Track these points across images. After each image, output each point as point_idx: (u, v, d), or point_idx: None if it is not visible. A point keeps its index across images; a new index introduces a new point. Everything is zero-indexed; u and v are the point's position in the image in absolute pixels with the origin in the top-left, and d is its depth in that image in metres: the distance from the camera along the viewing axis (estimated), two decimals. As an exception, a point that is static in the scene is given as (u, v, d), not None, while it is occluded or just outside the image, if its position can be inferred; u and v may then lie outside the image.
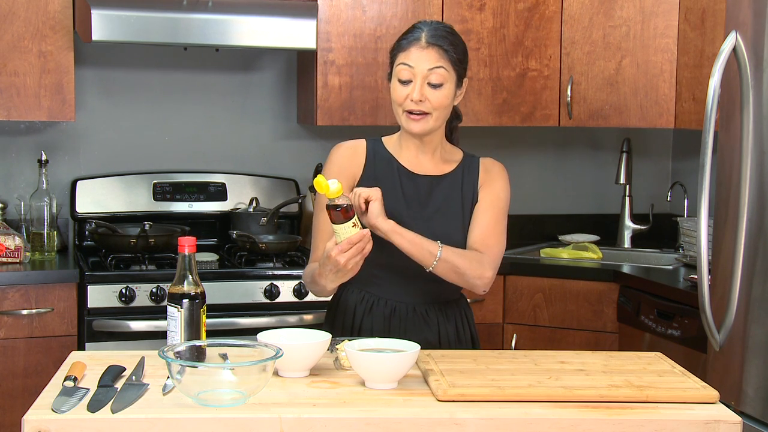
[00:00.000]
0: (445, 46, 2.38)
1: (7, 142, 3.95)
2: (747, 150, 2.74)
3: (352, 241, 2.21)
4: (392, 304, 2.45)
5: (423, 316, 2.49)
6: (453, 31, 2.45)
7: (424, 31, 2.39)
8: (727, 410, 1.98)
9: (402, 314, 2.48)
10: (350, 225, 2.21)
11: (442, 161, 2.52)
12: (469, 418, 1.89)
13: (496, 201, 2.49)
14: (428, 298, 2.49)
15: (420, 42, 2.38)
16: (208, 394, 1.90)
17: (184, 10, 3.55)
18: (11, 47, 3.59)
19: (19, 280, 3.39)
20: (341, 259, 2.22)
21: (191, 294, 2.16)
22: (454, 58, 2.39)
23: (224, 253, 3.89)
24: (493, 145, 4.45)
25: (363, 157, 2.50)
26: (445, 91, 2.39)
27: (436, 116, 2.40)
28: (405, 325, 2.47)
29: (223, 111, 4.18)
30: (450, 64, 2.38)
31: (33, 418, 1.83)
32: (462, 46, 2.44)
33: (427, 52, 2.37)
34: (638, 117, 3.95)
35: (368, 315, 2.49)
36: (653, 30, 3.90)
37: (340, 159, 2.50)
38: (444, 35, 2.39)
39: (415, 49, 2.38)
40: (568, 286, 3.74)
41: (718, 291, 2.85)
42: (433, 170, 2.51)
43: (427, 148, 2.49)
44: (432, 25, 2.42)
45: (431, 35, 2.38)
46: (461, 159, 2.54)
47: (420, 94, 2.36)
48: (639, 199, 4.39)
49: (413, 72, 2.37)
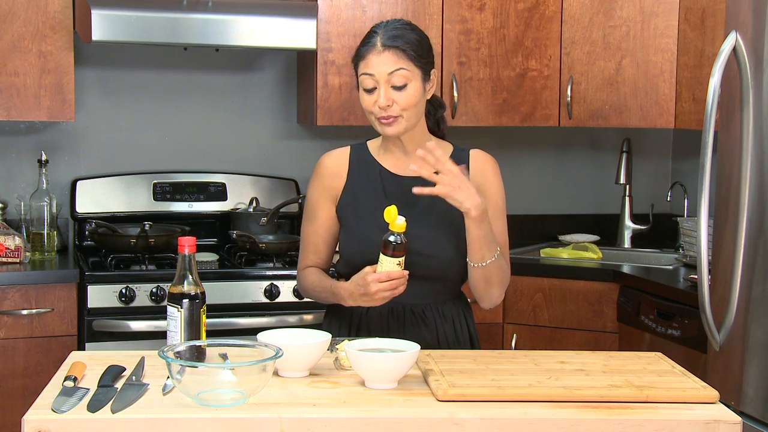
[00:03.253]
0: (402, 45, 2.36)
1: (7, 142, 3.95)
2: (747, 150, 2.74)
3: (392, 276, 2.26)
4: (390, 304, 2.44)
5: (420, 316, 2.48)
6: (410, 26, 2.42)
7: (379, 34, 2.38)
8: (727, 410, 1.98)
9: (399, 314, 2.48)
10: (396, 262, 2.27)
11: None
12: (469, 418, 1.89)
13: (498, 211, 2.47)
14: (426, 299, 2.49)
15: (376, 47, 2.37)
16: (208, 394, 1.90)
17: (184, 10, 3.55)
18: (11, 47, 3.59)
19: (19, 280, 3.39)
20: (373, 288, 2.27)
21: (191, 294, 2.16)
22: (414, 55, 2.36)
23: (224, 253, 3.89)
24: (493, 145, 4.44)
25: (346, 167, 2.52)
26: (411, 90, 2.37)
27: (408, 116, 2.39)
28: (402, 325, 2.47)
29: (223, 111, 4.18)
30: (410, 63, 2.36)
31: (33, 418, 1.83)
32: (422, 39, 2.41)
33: (384, 56, 2.35)
34: (638, 117, 3.95)
35: (366, 316, 2.49)
36: (653, 30, 3.90)
37: (321, 178, 2.53)
38: (399, 34, 2.37)
39: (373, 56, 2.37)
40: (568, 286, 3.74)
41: (718, 291, 2.85)
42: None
43: (411, 147, 2.46)
44: (388, 26, 2.40)
45: (387, 37, 2.37)
46: (450, 154, 2.48)
47: (386, 99, 2.35)
48: (639, 199, 4.39)
49: (375, 79, 2.36)
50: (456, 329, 2.52)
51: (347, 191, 2.50)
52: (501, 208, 2.49)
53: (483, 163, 2.50)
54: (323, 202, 2.53)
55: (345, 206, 2.50)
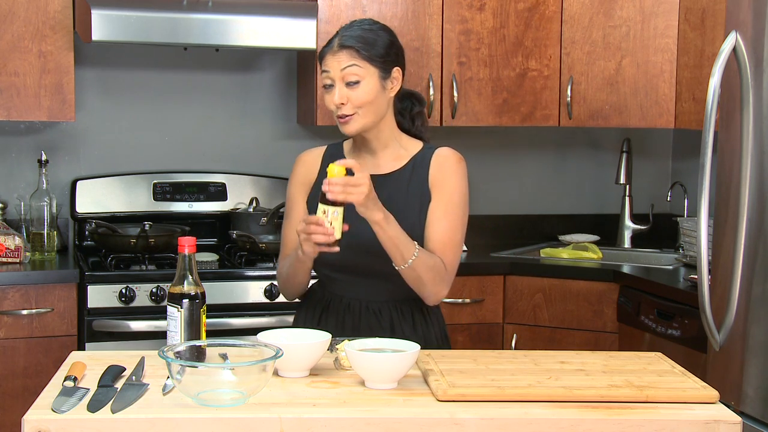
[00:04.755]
0: (356, 46, 2.38)
1: (7, 142, 3.95)
2: (747, 150, 2.74)
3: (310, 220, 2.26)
4: (347, 301, 2.49)
5: (375, 313, 2.49)
6: (372, 27, 2.44)
7: (338, 35, 2.42)
8: (727, 410, 1.98)
9: (355, 311, 2.49)
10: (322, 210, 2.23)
11: (393, 158, 2.50)
12: (469, 418, 1.89)
13: (451, 207, 2.45)
14: (381, 296, 2.49)
15: (333, 48, 2.41)
16: (208, 394, 1.90)
17: (184, 10, 3.55)
18: (11, 47, 3.59)
19: (19, 280, 3.39)
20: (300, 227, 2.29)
21: (191, 294, 2.16)
22: (367, 54, 2.38)
23: (224, 253, 3.89)
24: (493, 145, 4.45)
25: (318, 164, 2.55)
26: (365, 87, 2.38)
27: (363, 113, 2.40)
28: (357, 322, 2.49)
29: (223, 111, 4.18)
30: (363, 60, 2.38)
31: (33, 418, 1.83)
32: (382, 39, 2.42)
33: (339, 55, 2.39)
34: (638, 117, 3.95)
35: (326, 312, 2.52)
36: (653, 30, 3.90)
37: (296, 176, 2.58)
38: (357, 35, 2.40)
39: (329, 56, 2.41)
40: (568, 286, 3.74)
41: (718, 291, 2.85)
42: (382, 168, 2.49)
43: (376, 146, 2.48)
44: (351, 27, 2.43)
45: (344, 38, 2.40)
46: (414, 154, 2.50)
47: (340, 96, 2.38)
48: (639, 199, 4.39)
49: (330, 77, 2.40)
50: (417, 329, 2.51)
51: (317, 187, 2.52)
52: (456, 204, 2.46)
53: (444, 159, 2.48)
54: (298, 199, 2.57)
55: (313, 200, 2.52)
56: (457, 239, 2.46)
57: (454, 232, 2.45)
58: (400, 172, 2.48)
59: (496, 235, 4.39)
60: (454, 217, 2.45)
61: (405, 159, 2.50)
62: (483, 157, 4.43)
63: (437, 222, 2.44)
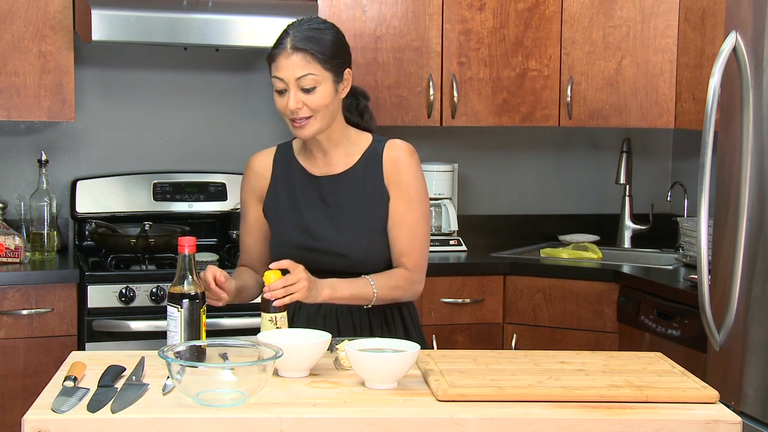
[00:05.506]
0: (311, 48, 2.34)
1: (7, 142, 3.95)
2: (747, 150, 2.74)
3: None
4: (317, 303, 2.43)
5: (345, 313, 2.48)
6: (322, 27, 2.39)
7: (290, 35, 2.36)
8: (727, 410, 1.98)
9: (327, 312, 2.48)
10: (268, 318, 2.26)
11: (346, 156, 2.48)
12: (469, 418, 1.89)
13: (411, 203, 2.45)
14: None
15: (286, 49, 2.35)
16: (208, 394, 1.90)
17: (184, 10, 3.55)
18: (11, 47, 3.59)
19: (19, 280, 3.39)
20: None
21: (191, 294, 2.16)
22: (323, 58, 2.34)
23: (224, 253, 3.89)
24: (493, 145, 4.45)
25: (270, 168, 2.55)
26: (322, 92, 2.36)
27: (320, 117, 2.38)
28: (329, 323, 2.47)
29: (223, 111, 4.18)
30: (319, 66, 2.34)
31: (33, 418, 1.84)
32: (334, 39, 2.39)
33: (292, 59, 2.34)
34: (638, 117, 3.95)
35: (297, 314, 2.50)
36: (653, 30, 3.90)
37: (248, 179, 2.58)
38: (310, 36, 2.35)
39: (282, 58, 2.35)
40: (568, 286, 3.74)
41: (718, 291, 2.85)
42: (335, 168, 2.48)
43: (327, 146, 2.47)
44: (301, 26, 2.38)
45: (297, 39, 2.34)
46: (365, 149, 2.49)
47: (295, 102, 2.35)
48: (639, 199, 4.39)
49: (285, 82, 2.36)
50: (392, 328, 2.51)
51: (271, 192, 2.53)
52: (414, 198, 2.46)
53: (396, 153, 2.47)
54: (251, 203, 2.57)
55: (269, 206, 2.54)
56: (421, 234, 2.48)
57: (417, 228, 2.46)
58: (353, 169, 2.47)
59: (496, 235, 4.39)
60: (417, 213, 2.46)
61: (357, 155, 2.48)
62: (483, 157, 4.43)
63: (400, 222, 2.45)
